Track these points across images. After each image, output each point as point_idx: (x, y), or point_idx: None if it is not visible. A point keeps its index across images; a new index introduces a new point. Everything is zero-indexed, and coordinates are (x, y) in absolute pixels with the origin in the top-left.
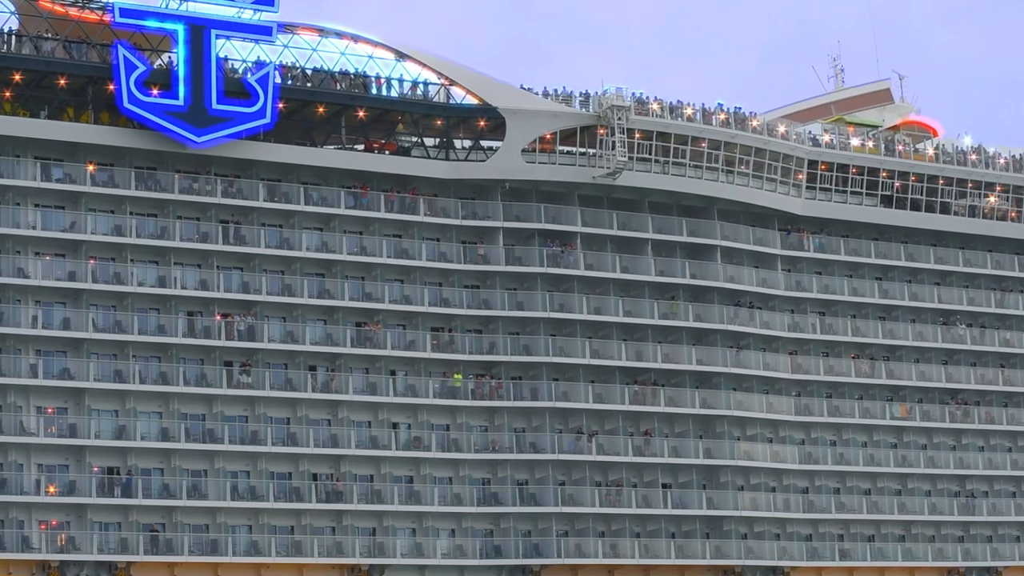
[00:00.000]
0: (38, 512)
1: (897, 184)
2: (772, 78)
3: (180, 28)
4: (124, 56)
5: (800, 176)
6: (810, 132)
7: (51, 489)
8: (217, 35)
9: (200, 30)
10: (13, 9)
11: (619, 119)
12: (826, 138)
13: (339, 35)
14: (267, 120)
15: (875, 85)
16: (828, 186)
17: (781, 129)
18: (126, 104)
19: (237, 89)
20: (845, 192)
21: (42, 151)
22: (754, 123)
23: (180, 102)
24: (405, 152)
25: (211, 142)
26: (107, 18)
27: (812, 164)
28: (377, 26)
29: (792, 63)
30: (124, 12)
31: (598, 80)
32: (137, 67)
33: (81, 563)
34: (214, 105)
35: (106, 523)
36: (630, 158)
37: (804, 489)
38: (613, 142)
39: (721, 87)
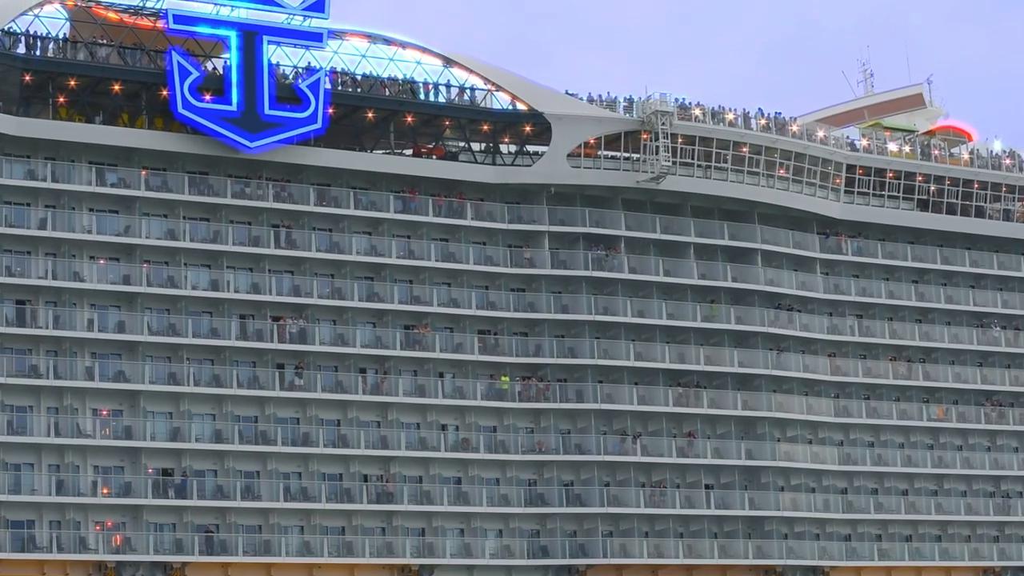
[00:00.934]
0: (94, 513)
1: (933, 188)
2: (772, 78)
3: (233, 34)
4: (178, 62)
5: (838, 180)
6: (848, 137)
7: (105, 490)
8: (269, 41)
9: (252, 36)
10: (67, 16)
11: (663, 124)
12: (864, 143)
13: (387, 41)
14: (318, 125)
15: (908, 90)
16: (865, 190)
17: (820, 134)
18: (180, 110)
19: (288, 95)
20: (882, 196)
21: (96, 156)
22: (794, 128)
23: (233, 108)
24: (452, 157)
25: (263, 147)
26: (160, 24)
27: (850, 168)
28: (409, 30)
29: (792, 63)
30: (178, 19)
31: (600, 79)
32: (191, 73)
33: (137, 563)
34: (266, 111)
35: (161, 524)
36: (673, 163)
37: (843, 490)
38: (657, 147)
39: (721, 87)
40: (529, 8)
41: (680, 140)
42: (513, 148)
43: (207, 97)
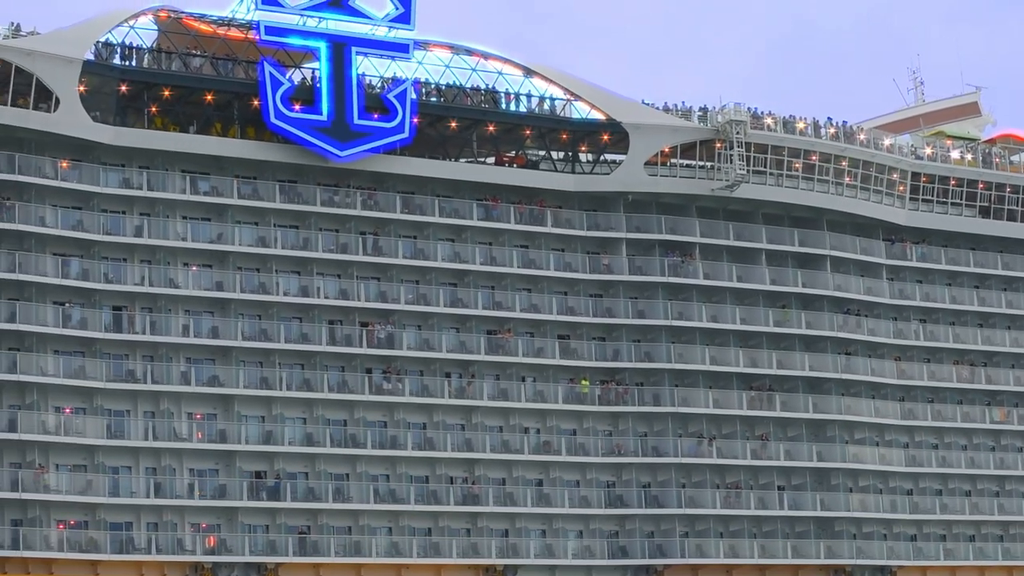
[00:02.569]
0: (190, 515)
1: (994, 196)
2: (771, 78)
3: (322, 45)
4: (270, 73)
5: (902, 188)
6: (912, 145)
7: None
8: (357, 52)
9: (341, 47)
10: (160, 28)
11: (737, 133)
12: (928, 151)
13: (469, 52)
14: (405, 135)
15: (963, 98)
16: (929, 198)
17: (886, 142)
18: (273, 120)
19: (376, 104)
20: (945, 203)
21: (189, 165)
22: (861, 137)
23: (324, 117)
24: (533, 165)
25: (353, 156)
26: (252, 36)
27: (915, 176)
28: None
29: (791, 63)
30: (269, 30)
31: (600, 80)
32: (282, 84)
33: (232, 564)
34: (355, 120)
35: (254, 525)
36: (746, 171)
37: (909, 491)
38: (731, 156)
39: (721, 87)
40: (528, 8)
41: (752, 148)
42: (590, 156)
43: (297, 107)
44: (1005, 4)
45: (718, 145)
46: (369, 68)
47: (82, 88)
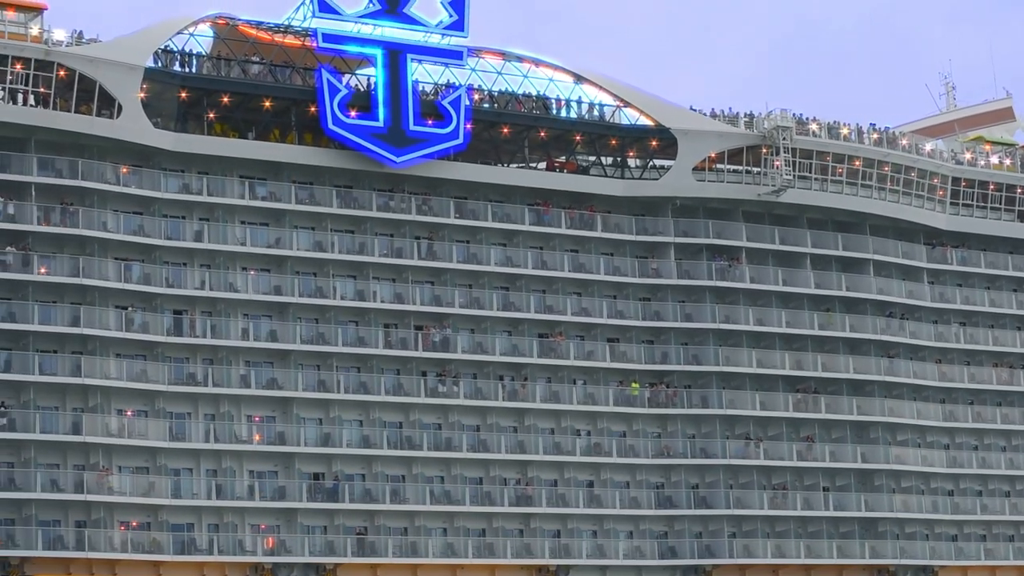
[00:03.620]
0: (251, 516)
1: None
2: (773, 78)
3: (379, 53)
4: (328, 80)
5: (942, 193)
6: (953, 151)
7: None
8: (412, 59)
9: (397, 55)
10: (218, 35)
11: (783, 139)
12: (967, 156)
13: (520, 59)
14: (460, 141)
15: (997, 103)
16: (969, 202)
17: (928, 148)
18: (331, 126)
19: (430, 111)
20: (984, 208)
21: (247, 170)
22: (903, 142)
23: (380, 124)
24: (583, 171)
25: (409, 162)
26: (309, 43)
27: (955, 181)
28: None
29: (793, 64)
30: (326, 38)
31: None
32: (340, 90)
33: (291, 565)
34: (411, 127)
35: (313, 526)
36: (792, 176)
37: (950, 492)
38: (777, 162)
39: (722, 88)
40: (529, 8)
41: (797, 154)
42: (638, 162)
43: (353, 113)
44: (1005, 5)
45: (764, 150)
46: (422, 74)
47: (142, 95)
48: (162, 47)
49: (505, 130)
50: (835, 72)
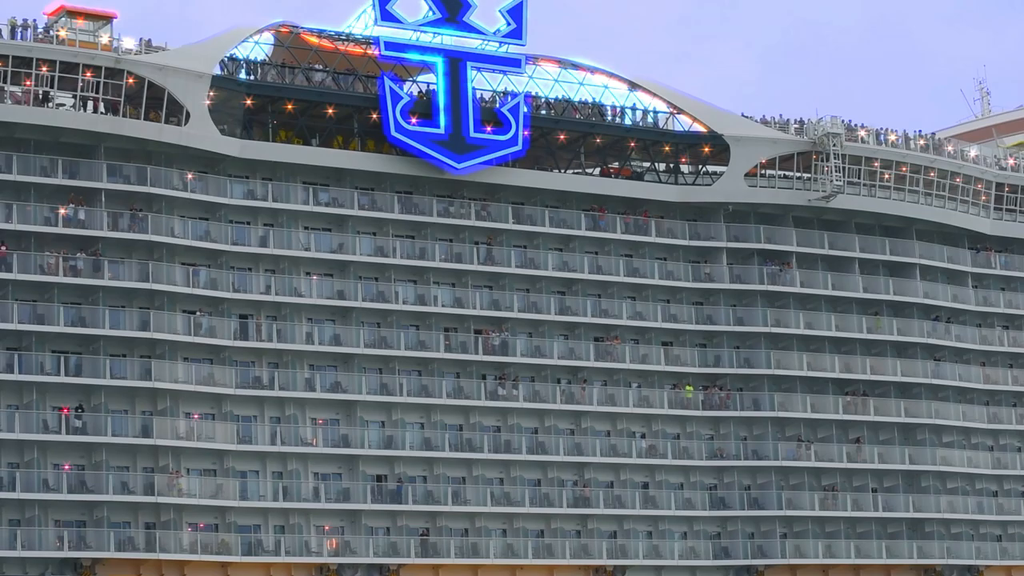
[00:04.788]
0: (316, 518)
1: None
2: (772, 80)
3: (439, 61)
4: (390, 88)
5: (986, 198)
6: (996, 156)
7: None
8: (472, 66)
9: (457, 62)
10: (274, 43)
11: (833, 145)
12: (1011, 162)
13: (576, 66)
14: (519, 147)
15: None
16: (1013, 207)
17: (972, 153)
18: (393, 133)
19: (490, 118)
20: None
21: (309, 176)
22: (949, 148)
23: (441, 130)
24: (638, 177)
25: (470, 168)
26: (371, 51)
27: (999, 187)
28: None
29: (792, 65)
30: (389, 46)
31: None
32: (402, 98)
33: (356, 565)
34: (471, 133)
35: (376, 527)
36: (842, 182)
37: (994, 492)
38: (829, 167)
39: (722, 89)
40: (529, 8)
41: (846, 160)
42: (690, 168)
43: (414, 120)
44: (1004, 6)
45: (814, 157)
46: (480, 82)
47: (209, 102)
48: (228, 55)
49: (561, 137)
50: (837, 73)
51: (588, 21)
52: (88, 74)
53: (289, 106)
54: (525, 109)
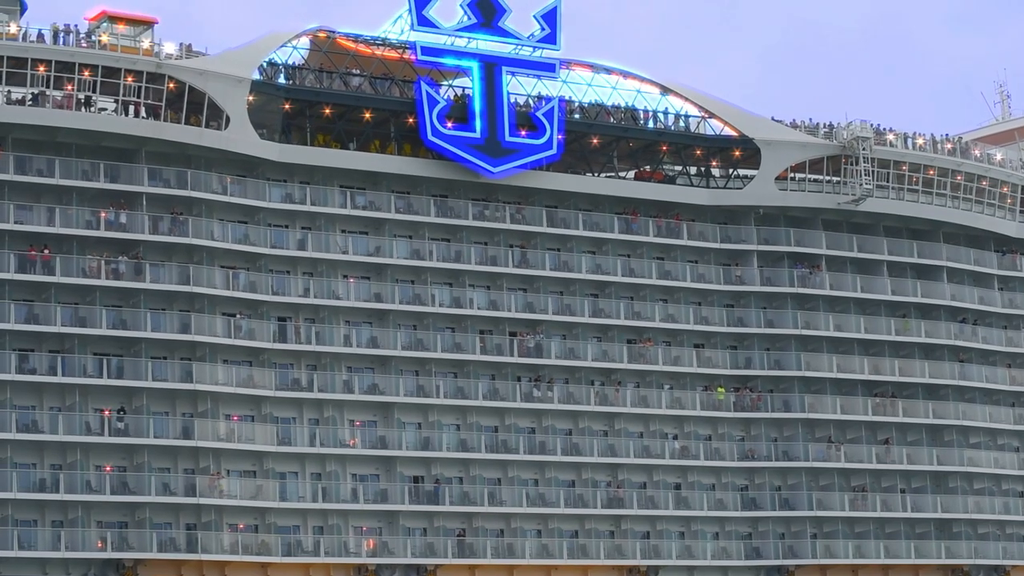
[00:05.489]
0: (354, 518)
1: None
2: (772, 81)
3: (475, 65)
4: (427, 92)
5: (1011, 201)
6: (1021, 159)
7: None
8: (507, 71)
9: (492, 67)
10: (320, 49)
11: (863, 149)
12: None
13: (608, 71)
14: (553, 151)
15: None
16: None
17: (998, 157)
18: (430, 137)
19: (524, 122)
20: None
21: (346, 180)
22: (976, 152)
23: (477, 135)
24: (670, 180)
25: (505, 172)
26: (407, 55)
27: None
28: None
29: (792, 66)
30: (425, 51)
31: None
32: (438, 102)
33: (393, 566)
34: (507, 138)
35: (414, 528)
36: (872, 185)
37: (1021, 493)
38: (859, 171)
39: (721, 89)
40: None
41: (875, 163)
42: (720, 171)
43: (449, 124)
44: (1005, 6)
45: (844, 160)
46: (515, 86)
47: (247, 106)
48: (266, 60)
49: (595, 141)
50: (837, 73)
51: (586, 20)
52: (130, 79)
53: (327, 110)
54: (559, 113)
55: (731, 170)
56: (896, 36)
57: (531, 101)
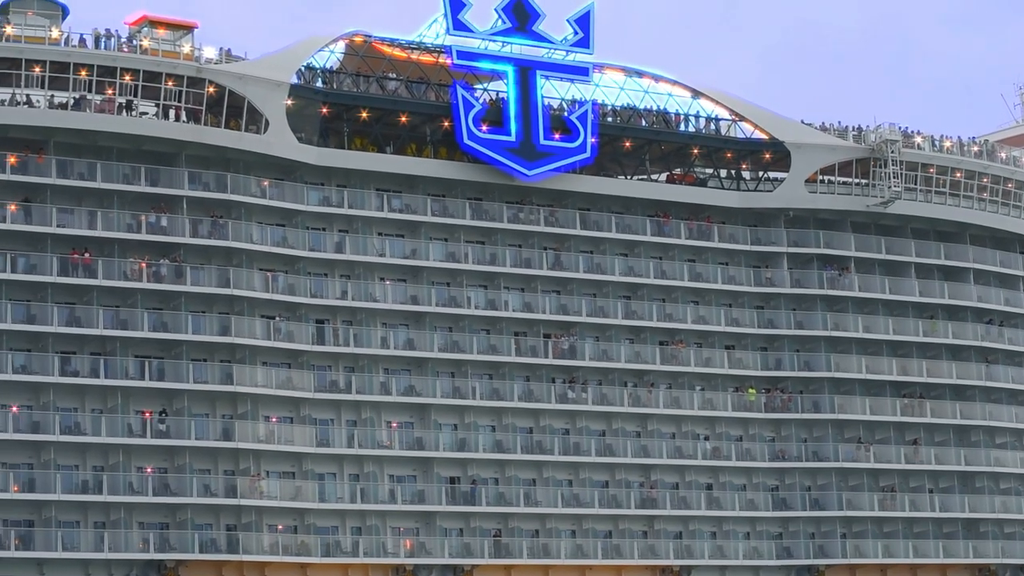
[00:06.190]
0: (391, 519)
1: None
2: (773, 80)
3: (510, 69)
4: (463, 96)
5: None
6: None
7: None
8: (541, 75)
9: (527, 71)
10: (349, 52)
11: (892, 152)
12: None
13: (640, 74)
14: (587, 155)
15: None
16: None
17: None
18: (466, 140)
19: (558, 125)
20: None
21: (382, 183)
22: (1002, 155)
23: (512, 138)
24: (701, 183)
25: (540, 175)
26: (443, 59)
27: None
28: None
29: (792, 66)
30: (461, 55)
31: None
32: (474, 106)
33: (430, 566)
34: (541, 141)
35: (450, 529)
36: (901, 188)
37: None
38: (888, 173)
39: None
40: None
41: (903, 166)
42: (750, 174)
43: (484, 128)
44: (1005, 6)
45: (873, 163)
46: (548, 90)
47: (286, 110)
48: (304, 64)
49: (627, 144)
50: (837, 73)
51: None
52: (170, 83)
53: (364, 114)
54: (592, 117)
55: (761, 173)
56: (896, 36)
57: (564, 104)
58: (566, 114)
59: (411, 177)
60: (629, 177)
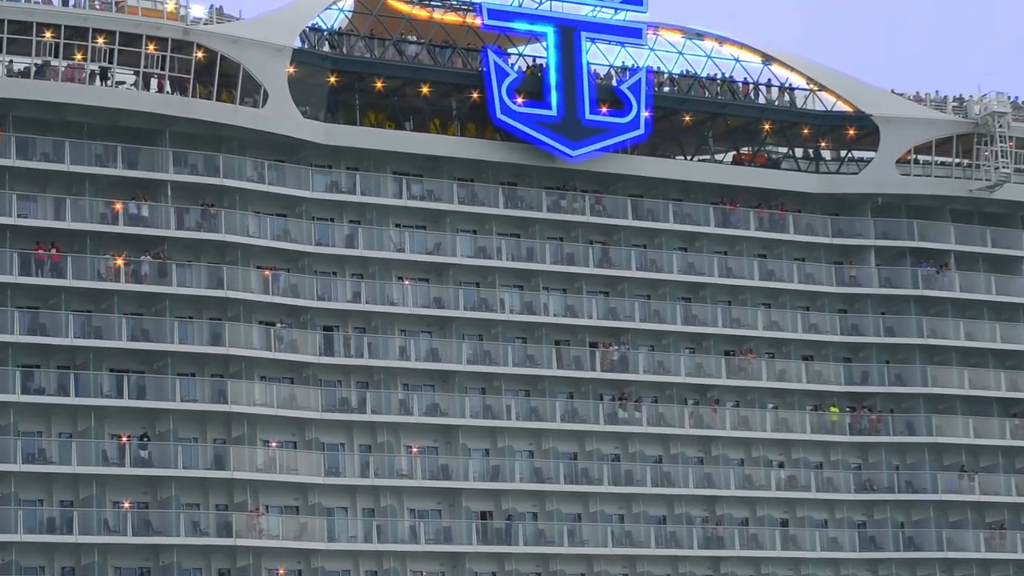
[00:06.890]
0: (413, 561)
1: None
2: (818, 43)
3: (550, 30)
4: (495, 63)
5: None
6: None
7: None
8: (586, 37)
9: (570, 32)
10: (362, 10)
11: (1000, 127)
12: None
13: (701, 36)
14: (641, 131)
15: None
16: None
17: None
18: (499, 115)
19: (607, 96)
20: None
21: (401, 166)
22: None
23: (552, 112)
24: (773, 164)
25: (585, 156)
26: (472, 20)
27: None
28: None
29: (838, 27)
30: (493, 14)
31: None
32: (508, 74)
33: None
34: (587, 115)
35: (482, 572)
36: (1010, 169)
37: None
38: (995, 152)
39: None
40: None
41: (1014, 143)
42: (831, 154)
43: (520, 100)
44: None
45: (977, 140)
46: (595, 55)
47: (288, 79)
48: (309, 25)
49: (687, 118)
50: (884, 37)
51: None
52: (151, 47)
53: (379, 84)
54: (646, 87)
55: (845, 152)
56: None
57: (614, 72)
58: (616, 83)
59: (434, 158)
60: (689, 158)
